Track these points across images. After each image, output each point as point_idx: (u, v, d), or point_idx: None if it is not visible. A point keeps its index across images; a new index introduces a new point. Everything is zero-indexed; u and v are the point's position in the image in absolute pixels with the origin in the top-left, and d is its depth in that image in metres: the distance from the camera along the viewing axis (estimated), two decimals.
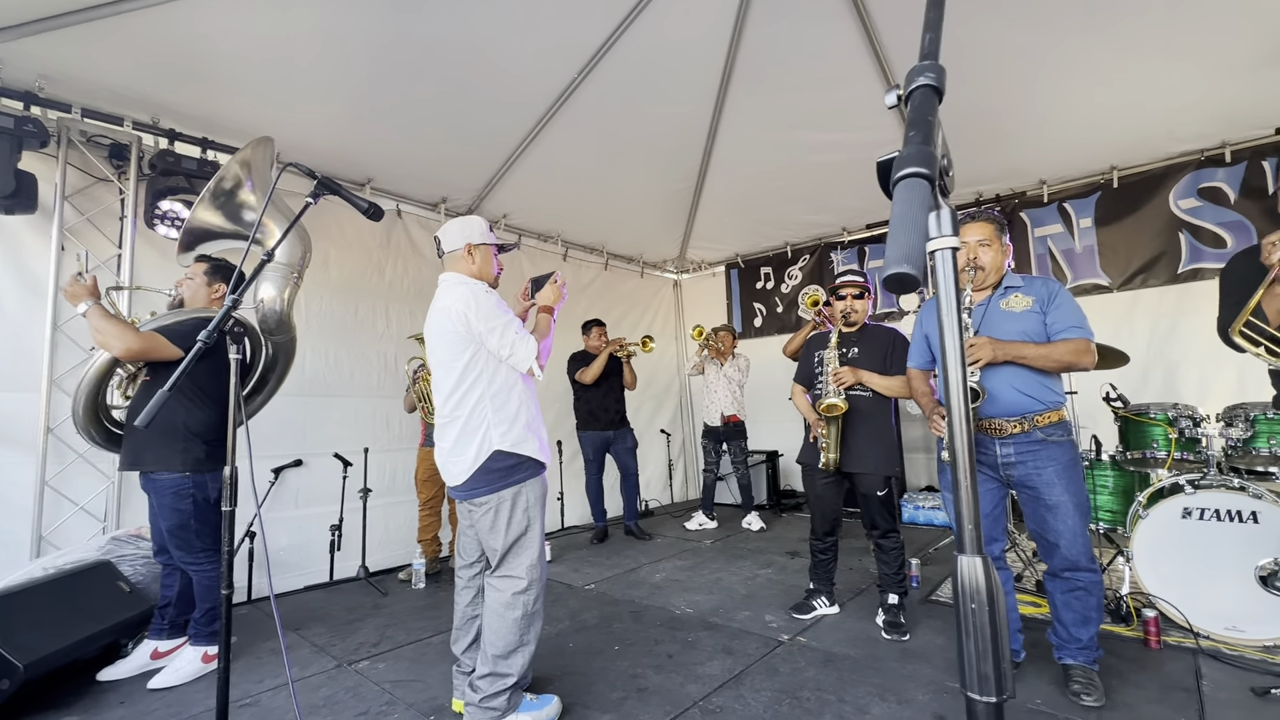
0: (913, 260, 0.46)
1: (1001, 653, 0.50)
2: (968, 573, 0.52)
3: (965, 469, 0.53)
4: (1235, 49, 3.55)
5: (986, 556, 0.53)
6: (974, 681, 0.50)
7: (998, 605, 0.51)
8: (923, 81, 0.57)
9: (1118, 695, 2.20)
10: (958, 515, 0.53)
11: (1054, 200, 4.85)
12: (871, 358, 2.88)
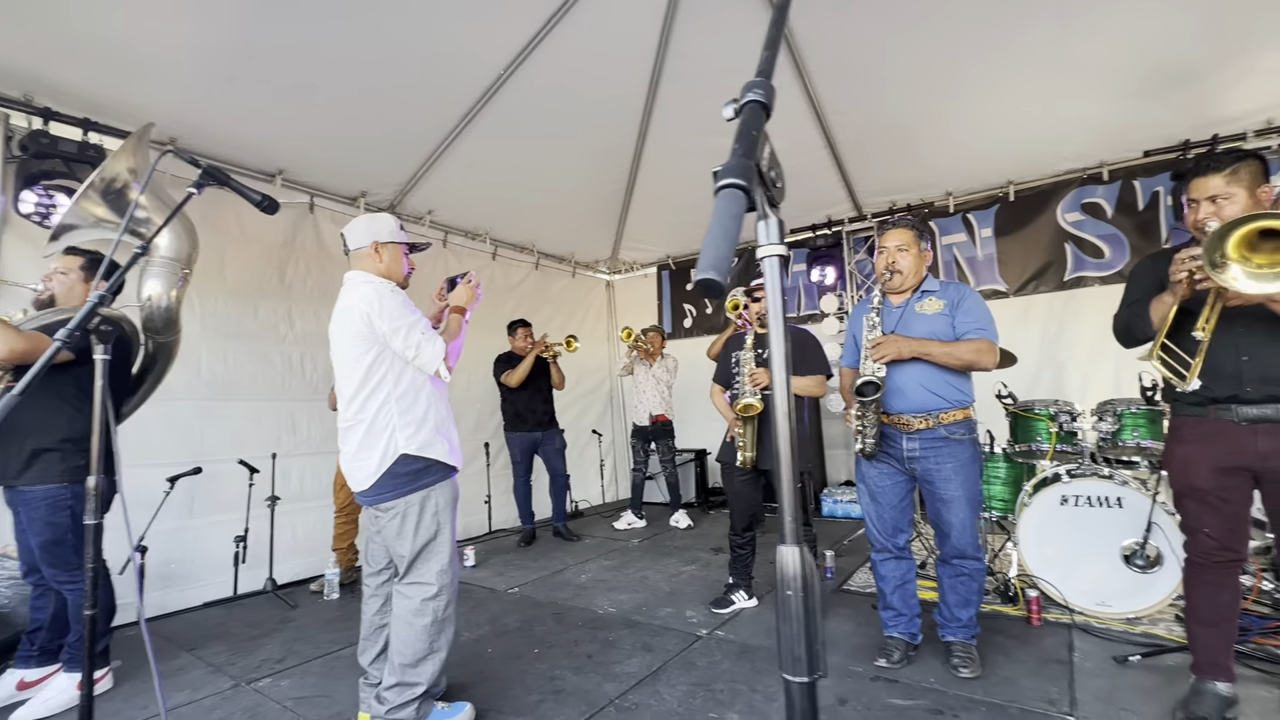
0: (719, 268, 0.49)
1: (814, 636, 0.54)
2: (786, 562, 0.56)
3: (787, 465, 0.57)
4: (1110, 81, 3.92)
5: (804, 547, 0.56)
6: (788, 663, 0.54)
7: (812, 592, 0.55)
8: (752, 97, 0.60)
9: (1000, 670, 2.38)
10: (780, 509, 0.56)
11: (959, 211, 5.18)
12: None
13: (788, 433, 0.58)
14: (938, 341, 2.34)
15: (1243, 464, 1.89)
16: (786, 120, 4.69)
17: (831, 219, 5.55)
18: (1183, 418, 2.04)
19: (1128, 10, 3.48)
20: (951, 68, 4.04)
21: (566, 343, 4.79)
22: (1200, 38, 3.59)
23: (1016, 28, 3.70)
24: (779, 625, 0.55)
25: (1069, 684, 2.26)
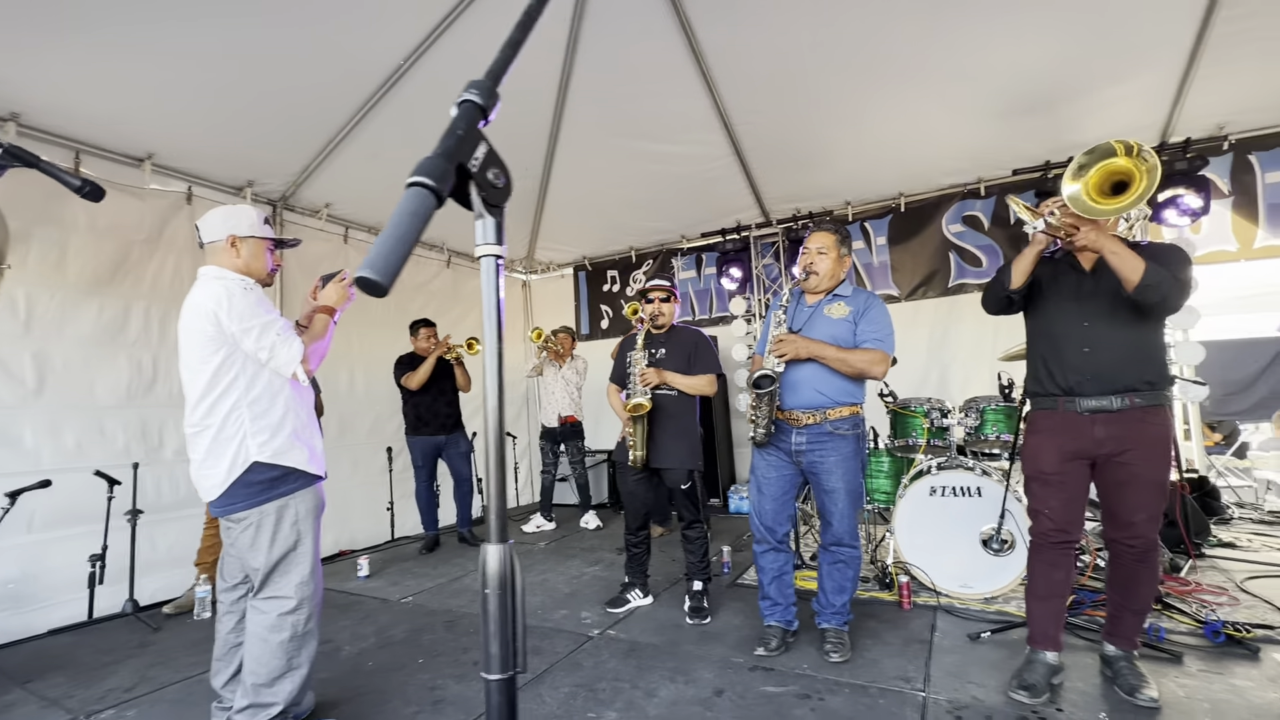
0: (377, 267, 0.48)
1: (514, 632, 0.55)
2: (489, 561, 0.56)
3: (494, 466, 0.57)
4: (982, 107, 4.26)
5: (510, 546, 0.57)
6: (485, 660, 0.54)
7: (511, 590, 0.55)
8: (466, 97, 0.60)
9: (868, 652, 2.52)
10: (488, 510, 0.57)
11: (857, 219, 5.46)
12: (677, 358, 3.04)
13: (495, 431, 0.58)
14: (834, 347, 2.44)
15: (1082, 450, 2.09)
16: (697, 127, 4.81)
17: (741, 224, 5.71)
18: (1038, 411, 2.24)
19: (991, 47, 3.81)
20: (844, 87, 4.28)
21: (468, 344, 4.68)
22: (1056, 73, 3.96)
23: (897, 56, 3.97)
24: (482, 624, 0.56)
25: (926, 662, 2.42)
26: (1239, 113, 4.09)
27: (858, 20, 3.79)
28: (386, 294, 0.51)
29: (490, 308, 0.61)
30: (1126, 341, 2.03)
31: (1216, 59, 3.73)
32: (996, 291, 2.21)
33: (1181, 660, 2.33)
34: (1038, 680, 2.13)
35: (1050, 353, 2.16)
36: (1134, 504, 2.03)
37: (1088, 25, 3.64)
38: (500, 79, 0.63)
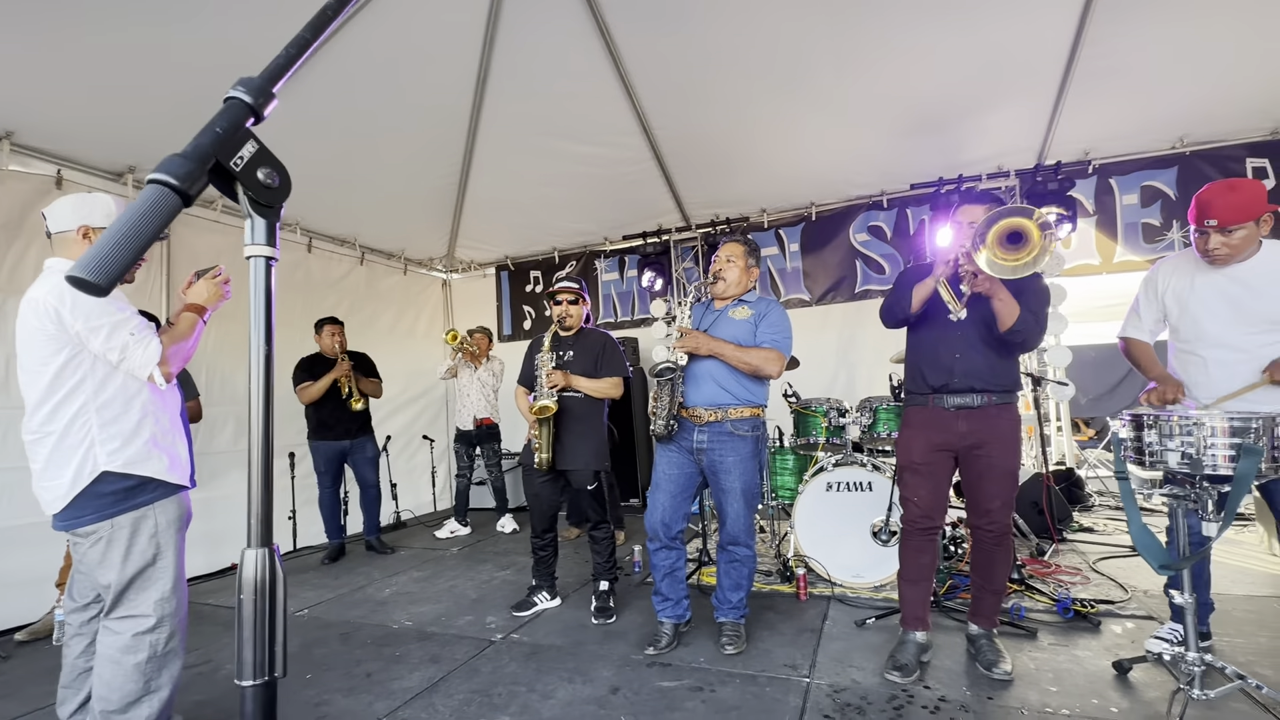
0: (91, 266, 0.46)
1: (271, 638, 0.54)
2: (245, 565, 0.56)
3: (259, 472, 0.56)
4: (882, 125, 4.53)
5: (273, 550, 0.57)
6: (239, 668, 0.54)
7: (270, 595, 0.55)
8: (234, 94, 0.59)
9: (763, 643, 2.62)
10: (248, 511, 0.56)
11: (772, 226, 5.66)
12: (584, 361, 3.05)
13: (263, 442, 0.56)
14: (733, 345, 2.53)
15: (948, 443, 2.28)
16: (617, 130, 4.84)
17: (662, 227, 5.79)
18: (911, 407, 2.41)
19: (895, 73, 4.07)
20: (762, 101, 4.44)
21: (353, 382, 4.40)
22: (949, 98, 4.27)
23: (813, 76, 4.17)
24: (236, 631, 0.55)
25: (814, 649, 2.54)
26: (1101, 140, 4.54)
27: (777, 40, 3.97)
28: (106, 294, 0.49)
29: (259, 311, 0.59)
30: (989, 350, 2.24)
31: (1081, 92, 4.13)
32: (896, 314, 2.38)
33: (1036, 635, 2.56)
34: (909, 660, 2.30)
35: (927, 356, 2.34)
36: (992, 492, 2.23)
37: (975, 57, 3.95)
38: (279, 79, 0.61)
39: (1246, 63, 3.77)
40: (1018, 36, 3.85)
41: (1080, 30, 3.72)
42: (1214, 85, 3.96)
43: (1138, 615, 2.72)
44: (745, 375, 2.57)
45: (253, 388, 0.58)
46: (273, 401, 0.59)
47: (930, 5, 3.66)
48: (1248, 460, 1.77)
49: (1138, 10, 3.56)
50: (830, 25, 3.84)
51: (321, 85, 3.94)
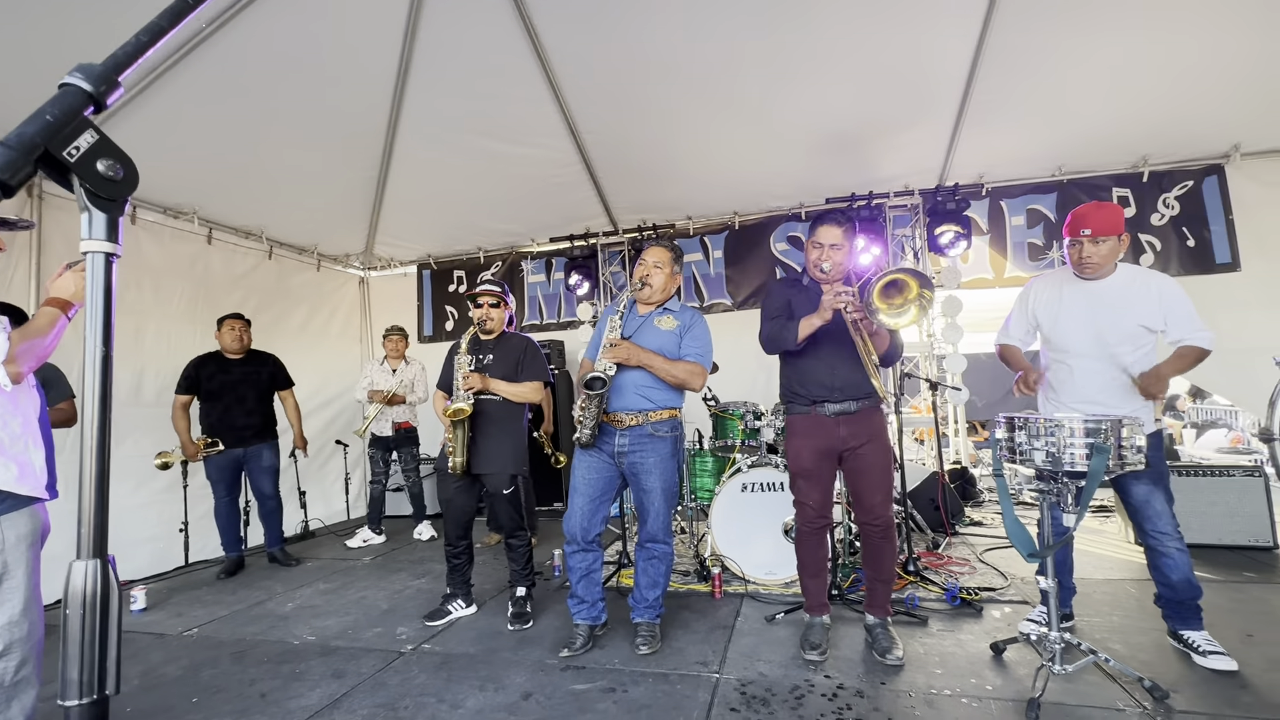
0: None
1: (102, 654, 0.51)
2: (72, 577, 0.53)
3: (93, 473, 0.54)
4: (800, 141, 4.74)
5: (106, 561, 0.54)
6: (62, 687, 0.51)
7: (102, 609, 0.52)
8: (70, 80, 0.55)
9: (676, 642, 2.67)
10: (78, 520, 0.53)
11: (698, 234, 5.79)
12: (504, 364, 3.01)
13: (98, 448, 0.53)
14: (662, 357, 2.58)
15: (831, 447, 2.46)
16: (545, 132, 4.82)
17: (590, 231, 5.80)
18: (795, 415, 2.55)
19: (815, 94, 4.29)
20: (691, 114, 4.56)
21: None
22: (861, 120, 4.53)
23: (729, 89, 4.32)
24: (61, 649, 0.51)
25: (726, 646, 2.62)
26: (993, 166, 4.94)
27: (706, 53, 4.09)
28: None
29: (97, 310, 0.56)
30: (860, 360, 2.42)
31: (975, 122, 4.49)
32: (779, 345, 2.51)
33: (927, 623, 2.75)
34: (820, 640, 2.49)
35: (805, 371, 2.50)
36: (873, 487, 2.42)
37: (886, 84, 4.23)
38: (126, 67, 0.58)
39: (1112, 105, 4.22)
40: (923, 68, 4.14)
41: (974, 68, 4.06)
42: (1086, 123, 4.41)
43: (1015, 600, 2.98)
44: (667, 383, 2.63)
45: (86, 391, 0.54)
46: (110, 405, 0.56)
47: (848, 31, 3.90)
48: (1098, 458, 1.99)
49: (1022, 55, 3.93)
50: (758, 43, 4.00)
51: (224, 67, 3.71)
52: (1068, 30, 3.80)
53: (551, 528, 4.84)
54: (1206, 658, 2.25)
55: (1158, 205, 4.70)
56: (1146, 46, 3.82)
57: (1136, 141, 4.57)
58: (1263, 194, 4.47)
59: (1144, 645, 2.45)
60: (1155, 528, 2.39)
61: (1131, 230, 4.69)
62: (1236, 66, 3.87)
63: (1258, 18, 3.56)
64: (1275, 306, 4.33)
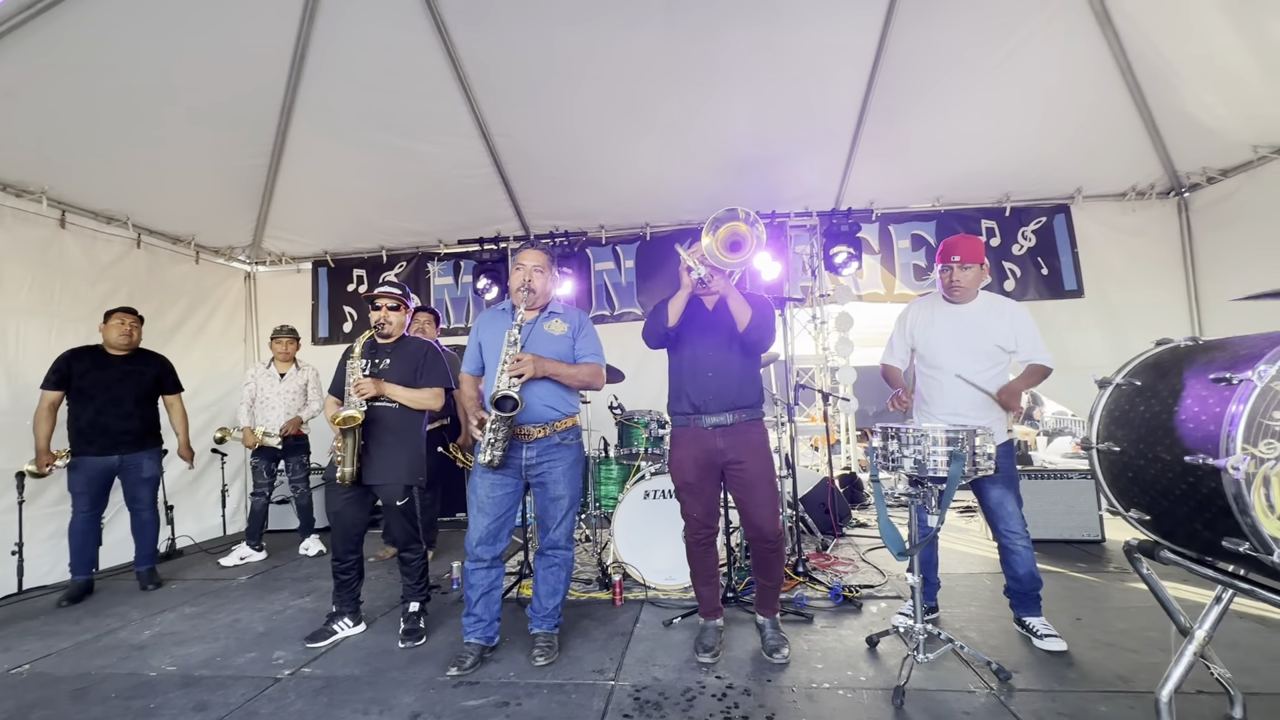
0: None
1: None
2: None
3: None
4: (715, 159, 4.93)
5: None
6: None
7: None
8: None
9: (574, 651, 2.67)
10: None
11: (610, 242, 5.84)
12: (402, 370, 2.89)
13: None
14: (565, 364, 2.58)
15: (710, 460, 2.55)
16: (455, 132, 4.71)
17: (501, 235, 5.70)
18: (677, 428, 2.64)
19: (725, 117, 4.50)
20: (602, 121, 4.62)
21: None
22: (768, 144, 4.79)
23: (643, 103, 4.43)
24: None
25: (623, 652, 2.65)
26: (882, 194, 5.35)
27: (621, 66, 4.19)
28: None
29: None
30: (737, 371, 2.55)
31: (867, 154, 4.87)
32: (656, 329, 2.56)
33: (813, 621, 2.92)
34: (712, 642, 2.59)
35: (687, 377, 2.58)
36: (758, 503, 2.51)
37: (791, 111, 4.51)
38: None
39: (981, 148, 4.73)
40: (822, 99, 4.45)
41: (864, 107, 4.43)
42: (960, 162, 4.90)
43: (891, 596, 3.23)
44: (566, 389, 2.63)
45: None
46: None
47: (751, 67, 4.12)
48: (955, 464, 2.20)
49: (905, 99, 4.35)
50: (671, 60, 4.13)
51: (82, 29, 3.34)
52: (944, 83, 4.24)
53: (453, 539, 4.68)
54: (1043, 640, 2.55)
55: (1018, 237, 5.27)
56: (1008, 101, 4.32)
57: (1001, 180, 5.11)
58: (1100, 232, 5.13)
59: (994, 632, 2.74)
60: (1007, 527, 2.68)
61: (996, 259, 5.25)
62: (1078, 123, 4.45)
63: (1094, 90, 4.14)
64: (1111, 329, 4.97)
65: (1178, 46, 3.74)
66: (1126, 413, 1.78)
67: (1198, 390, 1.52)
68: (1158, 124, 4.41)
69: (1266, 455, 1.31)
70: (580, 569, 3.76)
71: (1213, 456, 1.36)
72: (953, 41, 3.97)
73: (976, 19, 3.81)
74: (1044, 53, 3.98)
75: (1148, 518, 1.76)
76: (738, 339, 2.50)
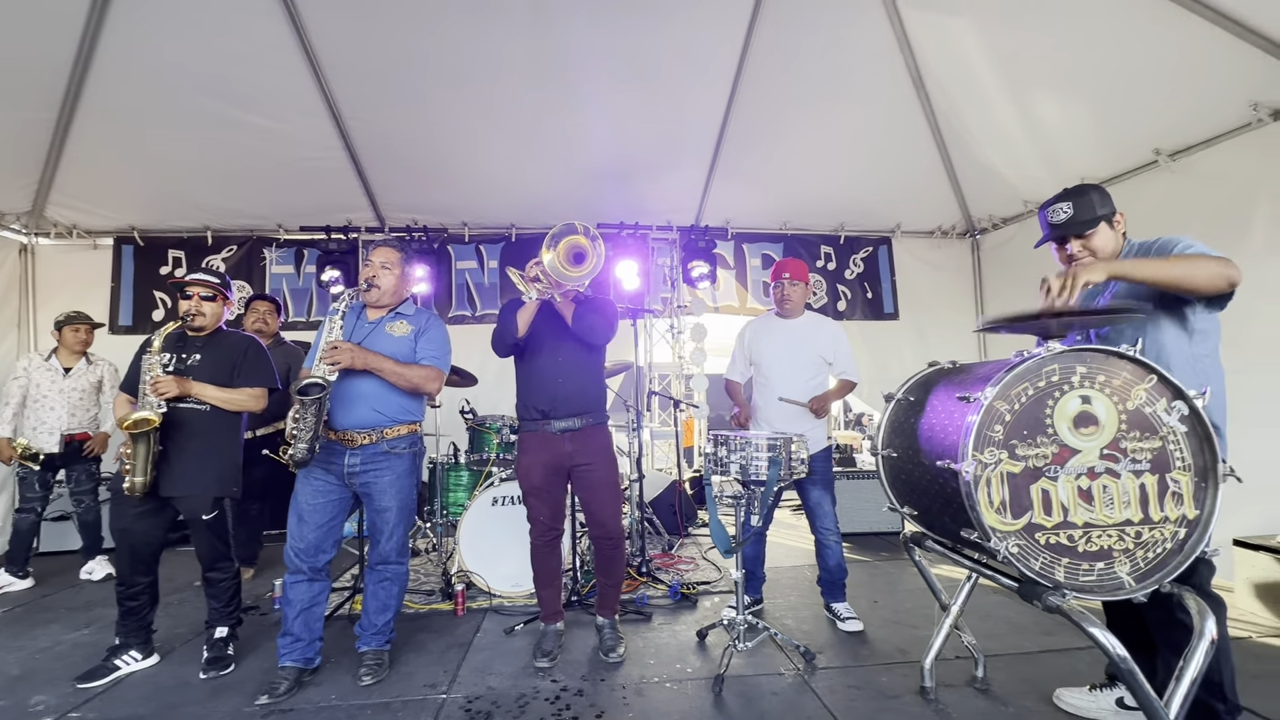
0: None
1: None
2: None
3: None
4: (583, 166, 4.98)
5: None
6: None
7: None
8: None
9: (406, 666, 2.56)
10: None
11: (474, 241, 5.68)
12: (216, 368, 2.60)
13: None
14: (391, 360, 2.42)
15: (558, 464, 2.61)
16: (301, 110, 4.34)
17: (352, 224, 5.32)
18: (525, 433, 2.66)
19: (593, 126, 4.58)
20: (466, 118, 4.49)
21: None
22: (634, 156, 4.93)
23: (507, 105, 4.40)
24: None
25: (459, 664, 2.59)
26: (736, 214, 5.73)
27: (481, 68, 4.11)
28: None
29: None
30: (585, 376, 2.65)
31: (723, 176, 5.20)
32: (505, 338, 2.57)
33: (651, 618, 3.06)
34: (551, 646, 2.62)
35: (535, 382, 2.62)
36: (602, 501, 2.62)
37: (654, 126, 4.68)
38: None
39: (821, 180, 5.24)
40: (684, 121, 4.69)
41: (721, 134, 4.74)
42: (804, 190, 5.39)
43: (725, 591, 3.47)
44: (401, 392, 2.50)
45: None
46: None
47: (621, 79, 4.23)
48: (773, 469, 2.43)
49: (757, 131, 4.72)
50: (531, 67, 4.12)
51: None
52: (792, 121, 4.67)
53: (281, 554, 4.26)
54: (845, 623, 2.89)
55: (849, 263, 5.91)
56: (844, 144, 4.85)
57: (837, 211, 5.70)
58: (913, 263, 5.91)
59: (808, 618, 3.05)
60: (822, 524, 3.01)
61: (832, 281, 5.85)
62: (899, 168, 5.10)
63: (911, 142, 4.77)
64: (920, 348, 5.70)
65: (973, 114, 4.43)
66: (902, 424, 2.08)
67: (948, 406, 1.82)
68: (958, 176, 5.19)
69: (988, 461, 1.61)
70: (423, 580, 3.61)
71: (954, 461, 1.63)
72: (797, 87, 4.38)
73: (819, 69, 4.24)
74: (872, 107, 4.52)
75: (916, 513, 2.07)
76: (584, 344, 2.59)
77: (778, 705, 2.22)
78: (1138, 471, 1.61)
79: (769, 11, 3.88)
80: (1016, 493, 1.61)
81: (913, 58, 4.18)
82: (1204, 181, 3.68)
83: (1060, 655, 2.54)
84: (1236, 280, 1.65)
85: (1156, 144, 3.87)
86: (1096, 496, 1.60)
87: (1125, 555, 1.60)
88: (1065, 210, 1.91)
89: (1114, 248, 1.89)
